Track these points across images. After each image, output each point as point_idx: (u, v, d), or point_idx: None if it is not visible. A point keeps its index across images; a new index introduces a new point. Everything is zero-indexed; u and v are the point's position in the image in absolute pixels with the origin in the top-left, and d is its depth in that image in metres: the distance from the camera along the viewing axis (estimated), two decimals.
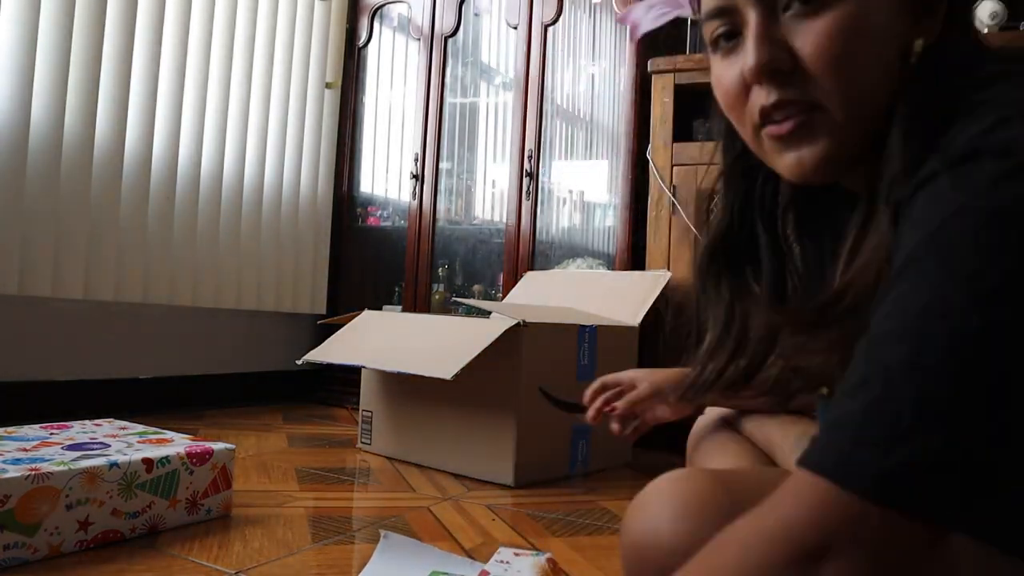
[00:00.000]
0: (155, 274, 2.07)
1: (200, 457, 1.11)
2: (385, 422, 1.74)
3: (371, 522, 1.19)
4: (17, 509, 0.90)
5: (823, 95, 0.52)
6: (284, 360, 2.51)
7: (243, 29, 2.33)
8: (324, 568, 0.97)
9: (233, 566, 0.95)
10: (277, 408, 2.40)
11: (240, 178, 2.33)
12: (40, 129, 1.79)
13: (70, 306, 1.98)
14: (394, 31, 2.69)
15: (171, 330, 2.27)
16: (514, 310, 1.66)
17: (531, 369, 1.52)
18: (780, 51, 0.53)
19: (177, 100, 2.13)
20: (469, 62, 2.55)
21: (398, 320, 1.90)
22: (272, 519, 1.16)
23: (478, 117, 2.53)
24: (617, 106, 2.22)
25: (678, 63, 1.94)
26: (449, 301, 2.48)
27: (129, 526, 1.02)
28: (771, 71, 0.53)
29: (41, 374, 1.94)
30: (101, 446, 1.09)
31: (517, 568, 0.96)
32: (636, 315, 1.80)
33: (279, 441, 1.84)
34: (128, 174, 2.00)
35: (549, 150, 2.31)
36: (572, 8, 2.31)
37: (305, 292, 2.56)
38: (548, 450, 1.57)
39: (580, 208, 2.35)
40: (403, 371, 1.52)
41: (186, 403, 2.27)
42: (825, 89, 0.52)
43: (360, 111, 2.70)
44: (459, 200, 2.56)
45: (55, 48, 1.81)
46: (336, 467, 1.59)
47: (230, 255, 2.29)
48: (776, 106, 0.54)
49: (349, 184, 2.69)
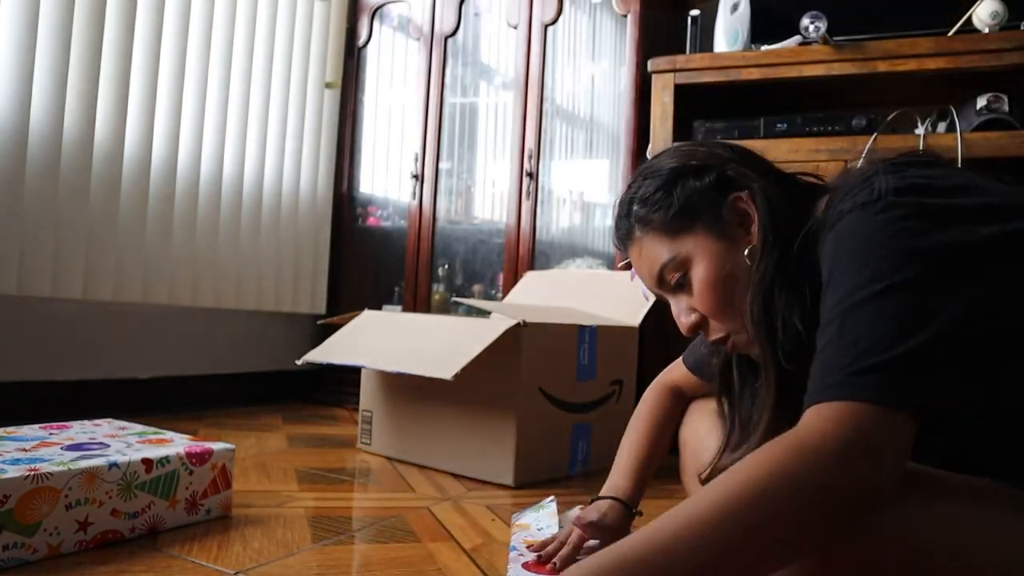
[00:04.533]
0: (155, 274, 2.07)
1: (200, 457, 1.10)
2: (385, 422, 1.74)
3: (371, 522, 1.19)
4: (16, 509, 0.90)
5: (725, 327, 0.80)
6: (284, 360, 2.51)
7: (243, 29, 2.33)
8: (324, 568, 0.96)
9: (233, 566, 0.94)
10: (277, 408, 2.40)
11: (240, 178, 2.33)
12: (40, 129, 1.79)
13: (70, 306, 1.98)
14: (394, 31, 2.69)
15: (171, 330, 2.27)
16: (514, 310, 1.66)
17: (531, 369, 1.52)
18: (691, 314, 0.82)
19: (177, 100, 2.13)
20: (469, 62, 2.55)
21: (398, 320, 1.90)
22: (272, 519, 1.16)
23: (478, 117, 2.53)
24: (617, 106, 2.22)
25: (678, 63, 1.94)
26: (449, 301, 2.48)
27: (128, 526, 1.01)
28: (695, 330, 0.84)
29: (41, 374, 1.94)
30: (100, 446, 1.09)
31: (547, 524, 1.08)
32: (636, 315, 1.80)
33: (279, 441, 1.84)
34: (128, 174, 2.00)
35: (549, 150, 2.31)
36: (572, 8, 2.31)
37: (305, 292, 2.55)
38: (548, 450, 1.57)
39: (580, 208, 2.35)
40: (403, 371, 1.52)
41: (186, 403, 2.27)
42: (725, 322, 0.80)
43: (360, 111, 2.69)
44: (459, 200, 2.56)
45: (55, 48, 1.81)
46: (336, 467, 1.59)
47: (230, 255, 2.29)
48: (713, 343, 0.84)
49: (349, 184, 2.69)
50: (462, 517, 1.24)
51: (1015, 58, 1.61)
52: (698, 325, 0.82)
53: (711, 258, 0.79)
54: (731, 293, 0.78)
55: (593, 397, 1.68)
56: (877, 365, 0.57)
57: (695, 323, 0.82)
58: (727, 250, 0.79)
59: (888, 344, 0.57)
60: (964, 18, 1.69)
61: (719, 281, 0.78)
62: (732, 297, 0.78)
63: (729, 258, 0.78)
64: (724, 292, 0.78)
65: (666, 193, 0.81)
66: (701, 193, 0.80)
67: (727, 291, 0.78)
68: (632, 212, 0.84)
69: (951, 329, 0.58)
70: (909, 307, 0.59)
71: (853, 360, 0.58)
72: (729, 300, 0.78)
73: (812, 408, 0.59)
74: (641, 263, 0.85)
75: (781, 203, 0.77)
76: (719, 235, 0.79)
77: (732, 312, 0.78)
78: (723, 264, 0.78)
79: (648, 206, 0.82)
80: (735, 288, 0.78)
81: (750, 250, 0.77)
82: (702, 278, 0.79)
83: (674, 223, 0.80)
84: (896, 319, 0.58)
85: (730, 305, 0.78)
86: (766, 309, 0.74)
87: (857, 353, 0.58)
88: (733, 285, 0.78)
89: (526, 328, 1.49)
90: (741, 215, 0.78)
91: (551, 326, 1.58)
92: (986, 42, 1.64)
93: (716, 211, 0.79)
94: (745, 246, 0.78)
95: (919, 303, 0.59)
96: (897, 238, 0.61)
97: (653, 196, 0.82)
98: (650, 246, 0.83)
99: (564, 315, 1.71)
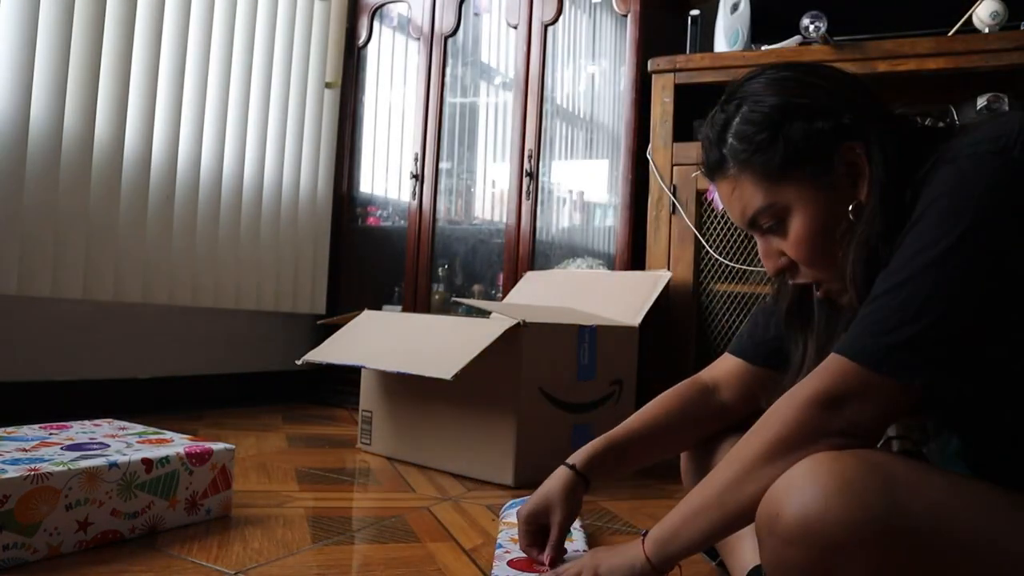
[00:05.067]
0: (154, 274, 2.07)
1: (200, 457, 1.10)
2: (385, 422, 1.74)
3: (371, 522, 1.19)
4: (16, 509, 0.89)
5: (815, 275, 0.77)
6: (284, 360, 2.51)
7: (243, 29, 2.33)
8: (324, 568, 0.96)
9: (233, 566, 0.94)
10: (277, 408, 2.40)
11: (240, 178, 2.33)
12: (40, 129, 1.79)
13: (69, 306, 1.98)
14: (394, 31, 2.69)
15: (171, 330, 2.27)
16: (514, 310, 1.66)
17: (531, 369, 1.52)
18: (779, 258, 0.79)
19: (177, 100, 2.13)
20: (469, 62, 2.55)
21: (398, 320, 1.90)
22: (272, 519, 1.16)
23: (478, 117, 2.53)
24: (617, 106, 2.21)
25: (678, 63, 1.94)
26: (449, 301, 2.48)
27: (128, 526, 1.01)
28: (780, 273, 0.80)
29: (40, 374, 1.94)
30: (100, 446, 1.09)
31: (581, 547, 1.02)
32: (636, 315, 1.80)
33: (279, 441, 1.84)
34: (128, 174, 2.00)
35: (549, 150, 2.31)
36: (572, 8, 2.30)
37: (305, 292, 2.55)
38: (548, 450, 1.57)
39: (580, 208, 2.35)
40: (403, 371, 1.52)
41: (186, 403, 2.27)
42: (816, 271, 0.77)
43: (360, 111, 2.69)
44: (459, 200, 2.56)
45: (55, 48, 1.81)
46: (336, 467, 1.59)
47: (230, 255, 2.29)
48: (795, 287, 0.82)
49: (349, 184, 2.69)
50: (462, 517, 1.24)
51: (1015, 58, 1.61)
52: (786, 269, 0.79)
53: (812, 209, 0.74)
54: (829, 244, 0.73)
55: (593, 397, 1.68)
56: (907, 340, 0.61)
57: (783, 267, 0.78)
58: (830, 201, 0.73)
59: (921, 320, 0.61)
60: (964, 18, 1.69)
61: (818, 234, 0.74)
62: (829, 248, 0.74)
63: (831, 210, 0.73)
64: (822, 244, 0.74)
65: (771, 136, 0.74)
66: (810, 139, 0.73)
67: (825, 243, 0.74)
68: (728, 145, 0.77)
69: (989, 313, 0.61)
70: (962, 281, 0.60)
71: (894, 328, 0.62)
72: (826, 251, 0.74)
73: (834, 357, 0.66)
74: (732, 201, 0.79)
75: (895, 155, 0.71)
76: (823, 186, 0.73)
77: (827, 263, 0.74)
78: (825, 216, 0.73)
79: (748, 145, 0.75)
80: (833, 239, 0.73)
81: (855, 206, 0.72)
82: (800, 229, 0.74)
83: (776, 170, 0.74)
84: (945, 295, 0.61)
85: (826, 256, 0.74)
86: (868, 266, 0.70)
87: (897, 322, 0.62)
88: (832, 237, 0.73)
89: (526, 328, 1.49)
90: (851, 167, 0.73)
91: (551, 326, 1.58)
92: (986, 42, 1.64)
93: (825, 160, 0.73)
94: (850, 199, 0.73)
95: (973, 280, 0.61)
96: (998, 201, 0.61)
97: (755, 137, 0.75)
98: (745, 188, 0.76)
99: (564, 315, 1.70)
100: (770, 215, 0.76)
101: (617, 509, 1.34)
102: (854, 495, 0.58)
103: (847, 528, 0.57)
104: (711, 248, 1.88)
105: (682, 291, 1.90)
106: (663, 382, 1.85)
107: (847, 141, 0.72)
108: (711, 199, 1.85)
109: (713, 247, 1.88)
